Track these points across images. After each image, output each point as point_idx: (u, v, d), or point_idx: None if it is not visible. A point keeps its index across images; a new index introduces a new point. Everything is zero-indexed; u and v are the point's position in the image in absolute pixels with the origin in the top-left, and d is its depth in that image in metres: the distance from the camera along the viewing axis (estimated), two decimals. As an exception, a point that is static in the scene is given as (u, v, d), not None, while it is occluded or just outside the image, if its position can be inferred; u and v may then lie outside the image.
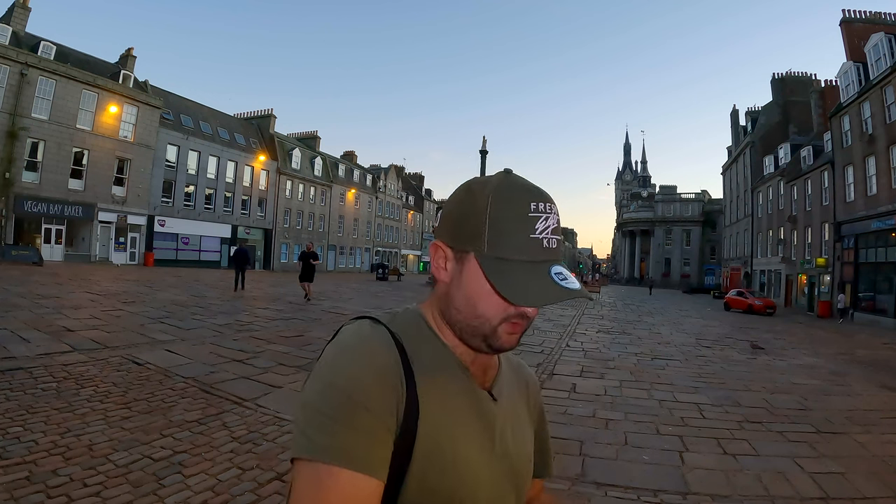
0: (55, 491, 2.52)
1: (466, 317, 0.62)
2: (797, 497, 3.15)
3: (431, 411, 0.58)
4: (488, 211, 0.61)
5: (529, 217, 0.60)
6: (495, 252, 0.60)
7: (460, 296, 0.62)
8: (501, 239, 0.60)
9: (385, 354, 0.58)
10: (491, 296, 0.60)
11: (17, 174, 20.93)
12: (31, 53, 21.81)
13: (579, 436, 4.10)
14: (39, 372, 4.59)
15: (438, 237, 0.66)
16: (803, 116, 33.93)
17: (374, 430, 0.53)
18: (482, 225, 0.60)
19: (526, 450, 0.71)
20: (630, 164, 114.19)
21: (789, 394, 6.21)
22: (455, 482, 0.58)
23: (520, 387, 0.76)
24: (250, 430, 3.66)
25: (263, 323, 9.09)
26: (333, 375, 0.55)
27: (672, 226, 61.82)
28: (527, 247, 0.60)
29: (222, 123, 34.12)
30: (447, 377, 0.63)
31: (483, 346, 0.63)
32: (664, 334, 12.07)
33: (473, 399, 0.64)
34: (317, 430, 0.52)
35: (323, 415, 0.53)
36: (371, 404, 0.54)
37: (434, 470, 0.57)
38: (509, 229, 0.60)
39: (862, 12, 23.94)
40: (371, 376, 0.55)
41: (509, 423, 0.68)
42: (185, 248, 29.99)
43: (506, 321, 0.61)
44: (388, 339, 0.60)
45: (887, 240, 19.33)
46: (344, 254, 46.44)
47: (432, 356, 0.63)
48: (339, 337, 0.62)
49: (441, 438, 0.58)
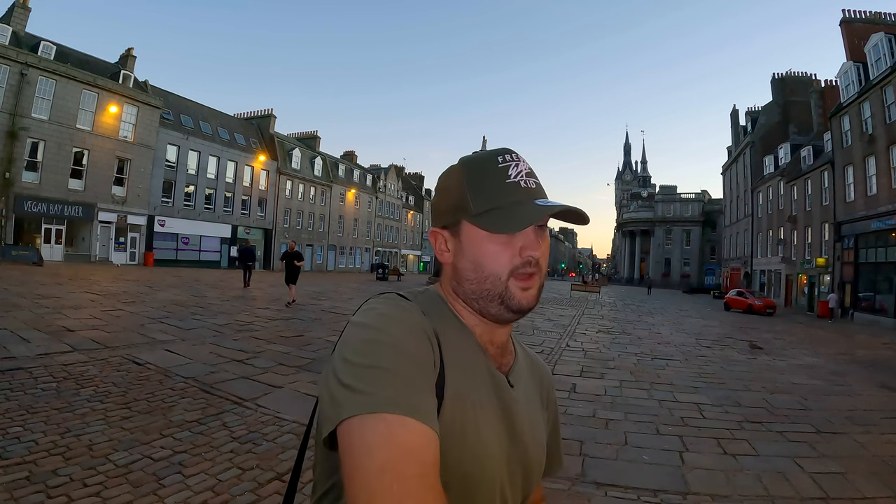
0: (55, 491, 2.52)
1: (477, 282, 0.64)
2: (797, 497, 3.15)
3: (456, 382, 0.59)
4: (465, 179, 0.65)
5: (500, 168, 0.65)
6: (482, 207, 0.63)
7: (466, 264, 0.65)
8: (483, 195, 0.63)
9: (420, 317, 0.60)
10: (492, 250, 0.63)
11: (17, 174, 20.93)
12: (31, 53, 21.81)
13: (579, 436, 4.10)
14: (39, 372, 4.59)
15: (433, 225, 0.70)
16: (803, 116, 33.93)
17: (428, 385, 0.53)
18: (464, 193, 0.64)
19: (540, 440, 0.72)
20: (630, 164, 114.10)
21: (789, 394, 6.21)
22: (470, 458, 0.58)
23: (535, 378, 0.77)
24: (250, 430, 3.66)
25: (263, 323, 9.09)
26: (377, 332, 0.55)
27: (672, 226, 61.81)
28: (506, 190, 0.63)
29: (222, 123, 34.12)
30: (469, 354, 0.64)
31: (502, 311, 0.63)
32: (664, 334, 12.07)
33: (492, 380, 0.65)
34: (374, 384, 0.49)
35: (377, 368, 0.51)
36: (419, 359, 0.54)
37: (456, 447, 0.56)
38: (486, 184, 0.64)
39: (862, 12, 23.94)
40: (413, 333, 0.56)
41: (525, 411, 0.69)
42: (185, 248, 29.99)
43: (514, 275, 0.62)
44: (418, 308, 0.62)
45: (887, 240, 19.33)
46: (344, 254, 46.42)
47: (455, 333, 0.64)
48: (370, 304, 0.61)
49: (463, 411, 0.58)
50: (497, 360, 0.68)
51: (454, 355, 0.61)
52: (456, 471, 0.56)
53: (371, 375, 0.50)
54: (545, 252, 0.65)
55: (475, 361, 0.64)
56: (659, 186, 67.88)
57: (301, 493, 2.71)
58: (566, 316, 14.61)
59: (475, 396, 0.61)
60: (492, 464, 0.60)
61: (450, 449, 0.55)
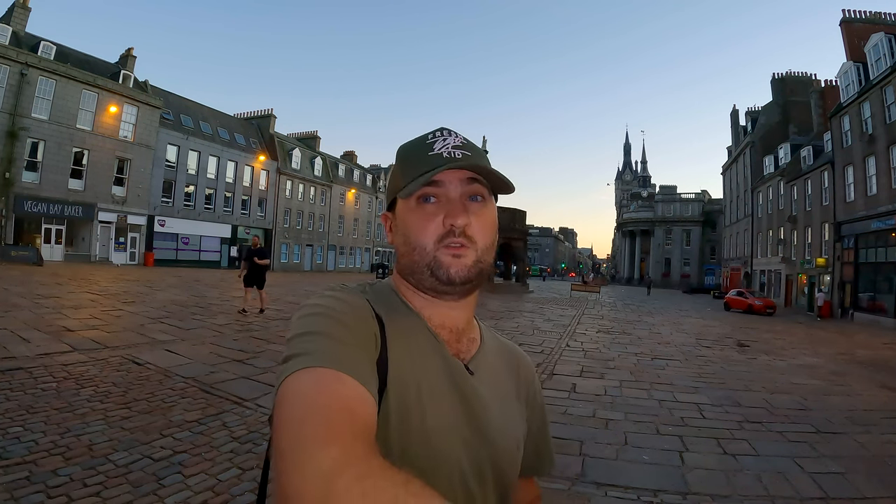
0: (55, 491, 2.52)
1: (408, 254, 0.64)
2: (797, 497, 3.15)
3: (399, 367, 0.57)
4: (398, 162, 0.67)
5: (426, 144, 0.65)
6: (406, 181, 0.63)
7: (399, 239, 0.66)
8: (408, 171, 0.64)
9: (359, 299, 0.61)
10: (416, 220, 0.63)
11: (17, 174, 20.93)
12: (31, 53, 21.81)
13: (579, 436, 4.10)
14: (39, 372, 4.59)
15: (385, 211, 0.71)
16: (803, 116, 33.91)
17: (367, 356, 0.54)
18: (398, 176, 0.66)
19: (512, 433, 0.67)
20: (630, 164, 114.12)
21: (789, 394, 6.21)
22: (419, 448, 0.55)
23: (509, 369, 0.73)
24: (250, 430, 3.66)
25: (263, 323, 9.09)
26: (315, 308, 0.57)
27: (672, 226, 61.80)
28: (427, 161, 0.63)
29: (222, 123, 34.12)
30: (417, 337, 0.63)
31: (434, 282, 0.62)
32: (664, 334, 12.06)
33: (445, 364, 0.62)
34: (311, 345, 0.51)
35: (314, 333, 0.52)
36: (357, 331, 0.55)
37: (398, 430, 0.55)
38: (412, 160, 0.65)
39: (862, 12, 23.93)
40: (353, 310, 0.58)
41: (493, 402, 0.65)
42: (185, 248, 29.99)
43: (441, 244, 0.61)
44: (361, 294, 0.63)
45: (887, 240, 19.32)
46: (344, 254, 46.42)
47: (402, 319, 0.63)
48: (316, 295, 0.62)
49: (406, 398, 0.56)
50: (452, 346, 0.65)
51: (400, 339, 0.60)
52: (404, 464, 0.50)
53: (307, 339, 0.52)
54: (481, 224, 0.63)
55: (424, 345, 0.62)
56: (659, 186, 67.88)
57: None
58: (566, 316, 14.61)
59: (424, 383, 0.59)
60: (445, 456, 0.57)
61: (395, 438, 0.54)
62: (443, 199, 0.62)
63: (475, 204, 0.63)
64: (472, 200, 0.63)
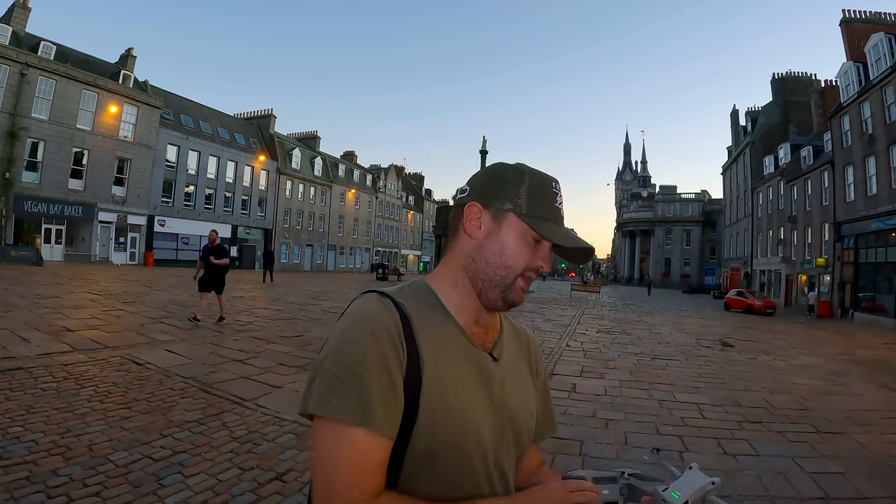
0: (55, 491, 2.52)
1: (496, 266, 0.74)
2: (797, 497, 3.15)
3: (434, 368, 0.68)
4: (526, 183, 0.76)
5: (552, 192, 0.77)
6: (533, 212, 0.74)
7: (495, 247, 0.75)
8: (539, 204, 0.75)
9: (386, 321, 0.67)
10: (522, 247, 0.74)
11: (17, 174, 20.94)
12: (31, 53, 21.81)
13: (579, 436, 4.10)
14: (39, 372, 4.59)
15: (475, 199, 0.77)
16: (803, 116, 33.91)
17: (381, 391, 0.63)
18: (521, 192, 0.75)
19: (527, 404, 0.81)
20: (630, 164, 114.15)
21: (789, 394, 6.21)
22: (459, 429, 0.68)
23: (521, 348, 0.87)
24: (250, 430, 3.66)
25: (263, 323, 9.09)
26: (342, 342, 0.66)
27: (672, 226, 61.80)
28: (553, 212, 0.76)
29: (222, 123, 34.12)
30: (448, 339, 0.73)
31: (499, 300, 0.74)
32: (664, 334, 12.06)
33: (473, 358, 0.74)
34: (330, 391, 0.62)
35: (335, 377, 0.63)
36: (376, 367, 0.63)
37: (440, 419, 0.66)
38: (544, 199, 0.76)
39: (862, 12, 23.94)
40: (374, 342, 0.65)
41: (510, 379, 0.78)
42: (185, 248, 29.97)
43: (523, 274, 0.74)
44: (390, 307, 0.70)
45: (887, 240, 19.33)
46: (344, 254, 46.43)
47: (435, 321, 0.73)
48: (348, 310, 0.72)
49: (445, 392, 0.68)
50: (480, 339, 0.77)
51: (432, 339, 0.70)
52: (448, 441, 0.67)
53: (330, 383, 0.63)
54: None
55: (454, 342, 0.73)
56: (659, 186, 67.88)
57: (301, 494, 2.71)
58: (566, 316, 14.61)
59: (455, 373, 0.70)
60: (479, 431, 0.69)
61: (439, 423, 0.66)
62: (544, 244, 0.76)
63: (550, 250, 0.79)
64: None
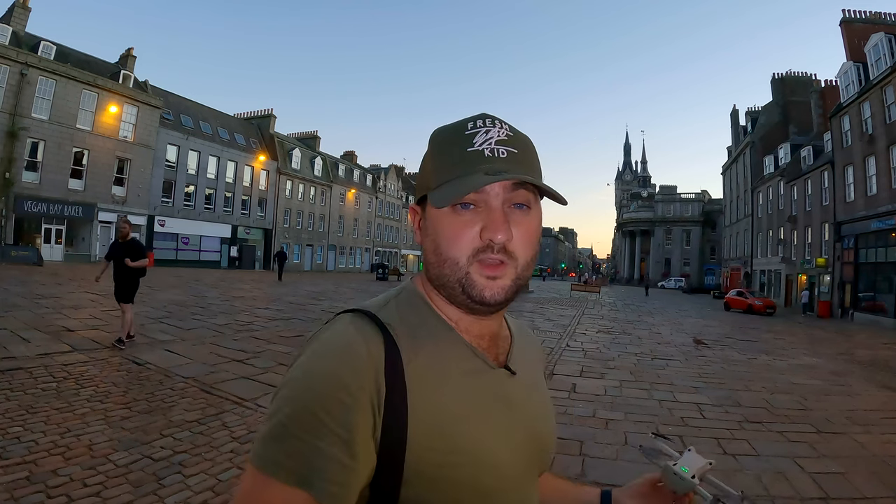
0: (55, 491, 2.52)
1: (437, 265, 0.57)
2: (797, 497, 3.15)
3: (429, 408, 0.53)
4: (432, 150, 0.59)
5: (466, 135, 0.57)
6: (439, 180, 0.56)
7: (429, 244, 0.58)
8: (443, 166, 0.56)
9: (358, 357, 0.52)
10: (448, 229, 0.55)
11: (17, 174, 20.92)
12: (31, 53, 21.80)
13: (579, 436, 4.10)
14: (39, 372, 4.59)
15: (414, 202, 0.64)
16: (803, 116, 33.91)
17: (328, 449, 0.47)
18: (429, 170, 0.58)
19: (549, 414, 0.69)
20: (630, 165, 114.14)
21: (789, 394, 6.21)
22: (470, 480, 0.53)
23: (531, 352, 0.73)
24: (250, 430, 3.66)
25: (263, 323, 9.09)
26: (298, 384, 0.51)
27: (672, 226, 61.80)
28: (466, 160, 0.55)
29: (222, 123, 34.11)
30: (453, 363, 0.57)
31: (466, 301, 0.56)
32: (664, 334, 12.06)
33: (489, 381, 0.59)
34: (265, 438, 0.49)
35: (281, 425, 0.49)
36: (332, 422, 0.48)
37: (445, 462, 0.52)
38: (448, 154, 0.57)
39: (862, 12, 23.94)
40: (336, 387, 0.49)
41: (529, 391, 0.65)
42: (185, 248, 29.97)
43: (475, 259, 0.55)
44: (366, 336, 0.54)
45: (887, 240, 19.32)
46: (344, 254, 46.42)
47: (434, 341, 0.58)
48: (317, 335, 0.57)
49: (446, 436, 0.53)
50: (492, 353, 0.62)
51: (429, 371, 0.55)
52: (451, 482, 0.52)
53: (270, 430, 0.49)
54: (523, 237, 0.56)
55: (462, 366, 0.58)
56: (659, 186, 67.91)
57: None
58: (566, 316, 14.61)
59: (466, 405, 0.56)
60: (492, 463, 0.56)
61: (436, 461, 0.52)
62: (482, 205, 0.55)
63: (518, 212, 0.57)
64: (516, 208, 0.57)
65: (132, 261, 6.29)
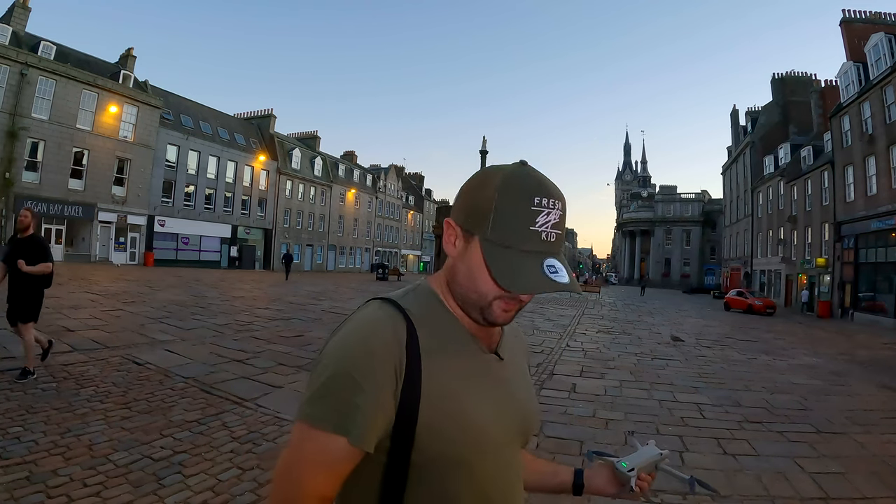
0: (55, 491, 2.52)
1: (467, 290, 0.69)
2: (797, 497, 3.15)
3: (439, 377, 0.65)
4: (496, 200, 0.66)
5: (532, 210, 0.65)
6: (496, 238, 0.65)
7: (464, 270, 0.69)
8: (504, 227, 0.65)
9: (387, 331, 0.65)
10: (488, 276, 0.67)
11: (17, 174, 20.91)
12: (31, 53, 21.80)
13: (579, 436, 4.10)
14: (39, 372, 4.59)
15: (452, 215, 0.72)
16: (803, 116, 33.90)
17: (366, 406, 0.61)
18: (489, 212, 0.66)
19: (531, 395, 0.82)
20: (630, 165, 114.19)
21: (789, 394, 6.21)
22: (469, 435, 0.65)
23: (518, 346, 0.86)
24: (250, 430, 3.66)
25: (263, 323, 9.09)
26: (336, 353, 0.64)
27: (672, 226, 61.78)
28: (525, 237, 0.65)
29: (222, 123, 34.11)
30: (456, 345, 0.70)
31: (479, 319, 0.70)
32: (664, 334, 12.06)
33: (482, 362, 0.72)
34: (315, 399, 0.62)
35: (323, 387, 0.62)
36: (367, 382, 0.61)
37: (446, 427, 0.64)
38: (512, 219, 0.65)
39: (862, 12, 23.94)
40: (369, 355, 0.63)
41: (515, 374, 0.78)
42: (185, 248, 29.98)
43: (499, 299, 0.67)
44: (393, 317, 0.67)
45: (887, 240, 19.32)
46: (344, 254, 46.42)
47: (442, 327, 0.70)
48: (351, 317, 0.70)
49: (451, 399, 0.65)
50: (486, 341, 0.74)
51: (438, 348, 0.67)
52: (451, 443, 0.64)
53: (313, 392, 0.63)
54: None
55: (462, 348, 0.71)
56: (659, 186, 67.86)
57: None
58: (566, 316, 14.61)
59: (463, 380, 0.68)
60: (486, 430, 0.67)
61: (440, 426, 0.64)
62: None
63: None
64: None
65: (27, 264, 4.39)
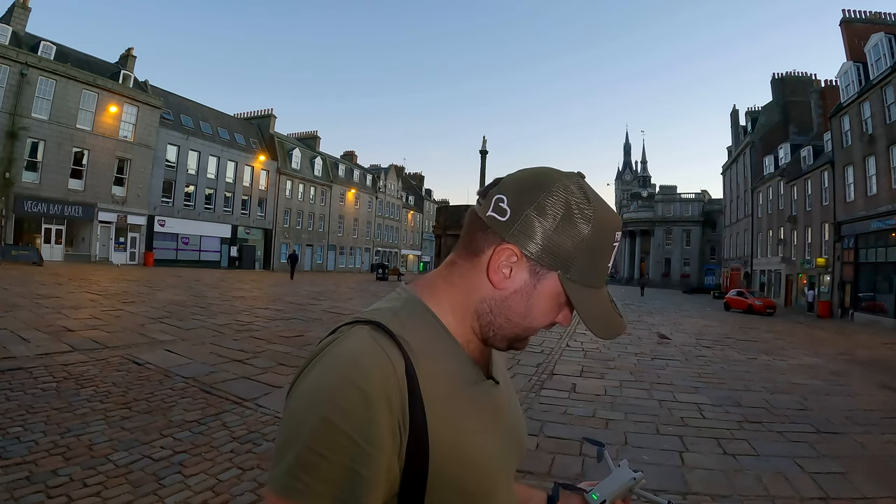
0: (55, 491, 2.52)
1: (517, 325, 0.61)
2: (797, 497, 3.15)
3: (446, 423, 0.55)
4: (588, 238, 0.58)
5: (612, 246, 0.61)
6: (581, 279, 0.59)
7: (520, 307, 0.60)
8: (591, 267, 0.59)
9: (384, 372, 0.52)
10: (549, 308, 0.61)
11: (17, 174, 20.92)
12: (31, 53, 21.80)
13: (579, 436, 4.10)
14: (39, 372, 4.59)
15: (514, 240, 0.58)
16: (803, 116, 33.90)
17: (371, 473, 0.49)
18: (579, 251, 0.58)
19: (521, 414, 0.74)
20: (630, 164, 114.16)
21: (789, 394, 6.21)
22: (482, 479, 0.58)
23: (502, 357, 0.77)
24: (250, 430, 3.66)
25: (263, 323, 9.09)
26: (323, 401, 0.50)
27: (672, 226, 61.76)
28: (603, 275, 0.61)
29: (222, 123, 34.11)
30: (460, 380, 0.60)
31: (503, 347, 0.64)
32: (664, 334, 12.06)
33: (484, 393, 0.63)
34: (290, 466, 0.48)
35: (309, 450, 0.48)
36: (366, 441, 0.48)
37: (459, 474, 0.55)
38: (600, 259, 0.60)
39: (862, 12, 23.93)
40: (366, 405, 0.49)
41: (510, 399, 0.71)
42: (185, 248, 29.98)
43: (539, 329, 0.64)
44: (389, 349, 0.54)
45: (887, 240, 19.31)
46: (344, 254, 46.42)
47: (444, 359, 0.59)
48: (334, 351, 0.54)
49: (461, 443, 0.56)
50: (484, 366, 0.66)
51: (443, 388, 0.57)
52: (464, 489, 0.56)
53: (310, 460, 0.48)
54: None
55: (467, 378, 0.61)
56: (659, 186, 67.84)
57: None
58: (566, 316, 14.59)
59: (472, 416, 0.59)
60: (495, 468, 0.60)
61: (452, 473, 0.55)
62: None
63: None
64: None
65: None
